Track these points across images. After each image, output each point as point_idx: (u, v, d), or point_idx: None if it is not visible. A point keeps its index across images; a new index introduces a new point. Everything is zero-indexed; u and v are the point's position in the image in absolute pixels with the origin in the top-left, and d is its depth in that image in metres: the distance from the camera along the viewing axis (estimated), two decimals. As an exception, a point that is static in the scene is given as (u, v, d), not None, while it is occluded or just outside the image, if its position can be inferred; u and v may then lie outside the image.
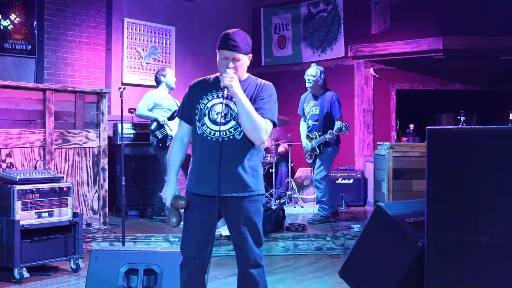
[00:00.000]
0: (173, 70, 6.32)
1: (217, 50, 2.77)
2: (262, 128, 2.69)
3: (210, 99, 2.79)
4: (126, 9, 7.52)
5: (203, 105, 2.79)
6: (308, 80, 6.02)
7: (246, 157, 2.75)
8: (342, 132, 5.72)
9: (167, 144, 5.92)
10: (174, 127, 5.99)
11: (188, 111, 2.87)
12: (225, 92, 2.67)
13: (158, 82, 6.18)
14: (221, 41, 2.74)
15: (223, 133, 2.71)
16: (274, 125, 2.81)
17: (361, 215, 6.62)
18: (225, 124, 2.72)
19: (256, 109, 2.71)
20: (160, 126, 5.95)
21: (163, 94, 6.11)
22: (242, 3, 9.03)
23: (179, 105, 6.43)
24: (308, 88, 6.10)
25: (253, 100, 2.76)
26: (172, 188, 2.87)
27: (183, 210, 2.83)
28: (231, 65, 2.71)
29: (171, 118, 6.02)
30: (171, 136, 5.93)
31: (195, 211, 2.80)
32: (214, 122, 2.74)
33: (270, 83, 2.87)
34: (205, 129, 2.75)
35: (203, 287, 2.84)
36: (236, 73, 2.72)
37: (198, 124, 2.78)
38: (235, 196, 2.74)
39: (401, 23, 7.62)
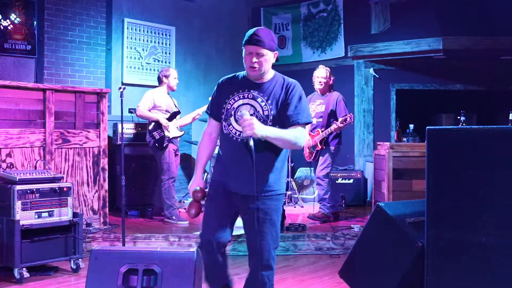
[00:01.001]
0: (176, 72, 6.29)
1: (242, 47, 2.80)
2: (298, 139, 2.76)
3: (236, 99, 2.83)
4: (126, 9, 7.52)
5: (230, 105, 2.83)
6: (320, 82, 6.06)
7: (271, 157, 2.82)
8: (347, 123, 5.74)
9: (164, 145, 5.90)
10: (172, 129, 5.98)
11: (216, 108, 2.92)
12: (251, 142, 2.62)
13: (160, 81, 6.16)
14: (245, 38, 2.77)
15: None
16: (309, 122, 2.87)
17: (361, 215, 6.62)
18: None
19: (291, 116, 2.76)
20: (159, 126, 5.94)
21: (162, 94, 6.09)
22: (242, 3, 9.03)
23: (177, 106, 6.43)
24: (317, 89, 6.13)
25: (281, 102, 2.79)
26: (196, 182, 2.96)
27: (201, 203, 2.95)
28: (254, 59, 2.72)
29: (169, 119, 6.00)
30: (168, 137, 5.92)
31: (216, 199, 2.91)
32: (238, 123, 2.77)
33: (296, 82, 2.89)
34: (231, 129, 2.82)
35: (221, 266, 2.93)
36: (261, 68, 2.75)
37: (224, 123, 2.85)
38: (257, 195, 2.77)
39: (401, 23, 7.62)
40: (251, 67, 2.77)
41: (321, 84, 6.05)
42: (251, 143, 2.62)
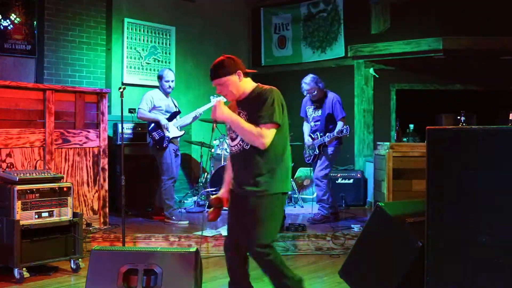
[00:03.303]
0: (172, 72, 6.22)
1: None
2: (255, 134, 3.00)
3: None
4: (126, 9, 7.52)
5: (226, 127, 3.31)
6: (307, 90, 6.03)
7: (259, 162, 3.07)
8: (343, 134, 5.75)
9: (164, 145, 5.89)
10: (172, 129, 5.97)
11: None
12: (214, 125, 3.18)
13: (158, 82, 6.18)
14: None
15: (236, 147, 3.17)
16: (276, 124, 3.03)
17: (361, 215, 6.62)
18: (235, 139, 3.17)
19: (258, 117, 3.01)
20: (158, 127, 5.93)
21: (160, 96, 6.06)
22: (242, 3, 9.03)
23: (177, 106, 6.42)
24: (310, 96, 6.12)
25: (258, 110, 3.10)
26: (220, 193, 3.38)
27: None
28: (221, 90, 3.12)
29: (169, 119, 5.99)
30: (168, 137, 5.90)
31: (230, 204, 3.32)
32: (230, 139, 3.28)
33: (270, 88, 3.11)
34: (229, 144, 3.33)
35: (241, 266, 3.26)
36: (230, 94, 3.11)
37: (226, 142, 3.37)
38: (247, 195, 3.12)
39: (401, 23, 7.62)
40: (225, 97, 3.16)
41: (309, 92, 6.04)
42: (214, 125, 3.17)
